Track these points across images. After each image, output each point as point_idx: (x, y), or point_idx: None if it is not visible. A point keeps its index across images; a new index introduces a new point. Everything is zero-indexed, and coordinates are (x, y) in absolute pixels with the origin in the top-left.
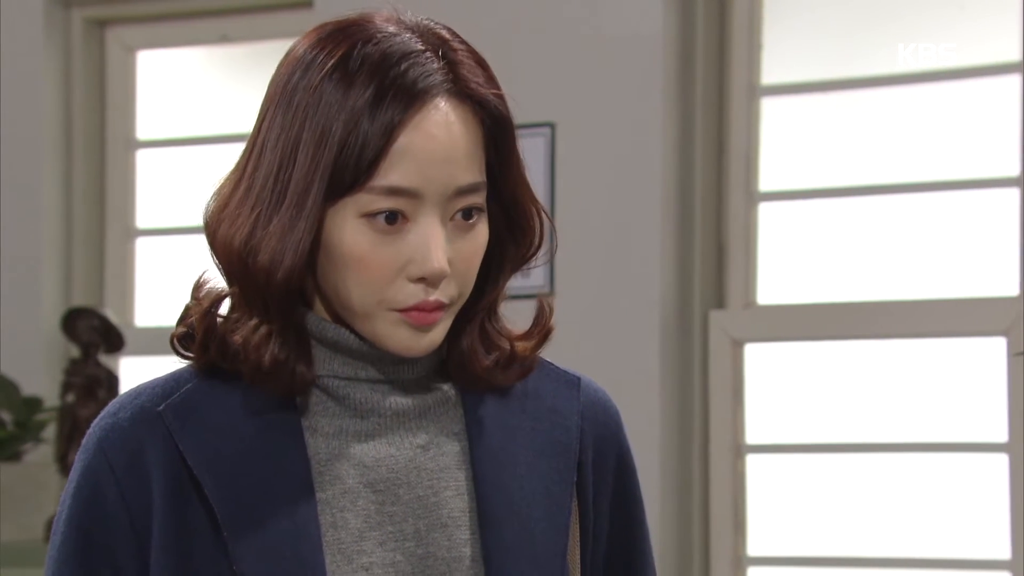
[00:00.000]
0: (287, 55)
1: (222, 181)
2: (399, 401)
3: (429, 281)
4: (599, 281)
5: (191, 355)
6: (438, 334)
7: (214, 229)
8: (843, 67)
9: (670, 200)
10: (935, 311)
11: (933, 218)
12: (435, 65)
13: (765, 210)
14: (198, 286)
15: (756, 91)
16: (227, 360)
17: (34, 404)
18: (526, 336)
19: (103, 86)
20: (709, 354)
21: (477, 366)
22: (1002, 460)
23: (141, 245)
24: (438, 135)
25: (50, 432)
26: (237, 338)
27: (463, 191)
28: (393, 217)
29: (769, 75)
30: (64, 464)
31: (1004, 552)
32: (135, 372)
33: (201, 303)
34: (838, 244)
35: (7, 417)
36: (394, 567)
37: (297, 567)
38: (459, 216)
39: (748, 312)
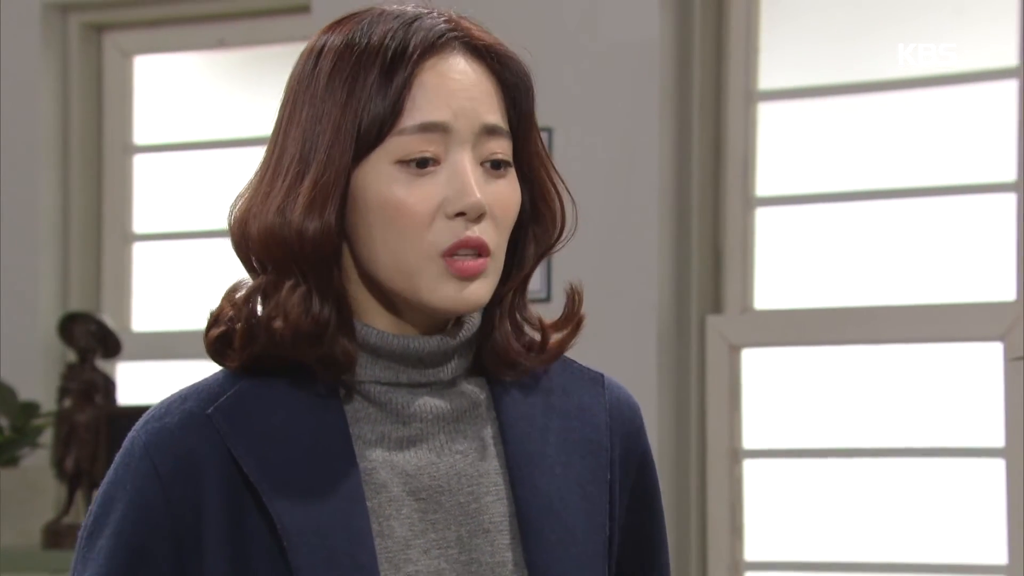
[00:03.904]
0: (301, 52)
1: (244, 186)
2: (438, 405)
3: (468, 215)
4: (596, 285)
5: (229, 358)
6: (483, 289)
7: (244, 220)
8: (840, 72)
9: (667, 205)
10: (932, 316)
11: (930, 223)
12: (443, 19)
13: (762, 215)
14: (232, 290)
15: (753, 95)
16: (275, 345)
17: (31, 409)
18: (558, 325)
19: (100, 91)
20: (706, 359)
21: (511, 351)
22: (999, 465)
23: (138, 250)
24: (458, 77)
25: (47, 437)
26: (278, 323)
27: (491, 129)
28: (424, 162)
29: (766, 80)
30: (62, 469)
31: (1001, 557)
32: (132, 377)
33: (237, 301)
34: (835, 249)
35: (4, 422)
36: (439, 575)
37: None
38: (488, 165)
39: (745, 317)
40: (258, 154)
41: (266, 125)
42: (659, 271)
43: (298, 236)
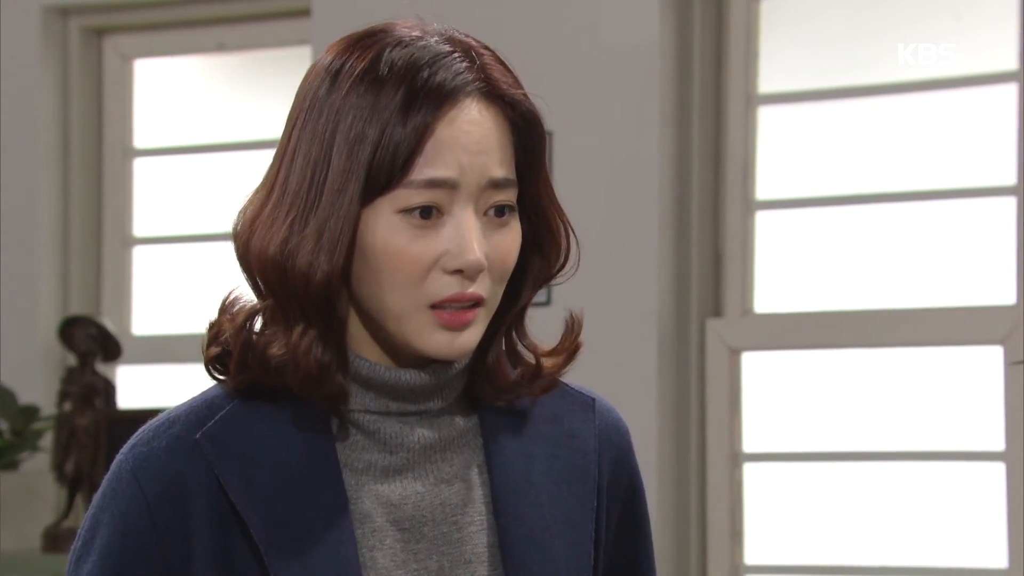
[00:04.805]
0: (313, 67)
1: (250, 196)
2: (426, 434)
3: (466, 273)
4: (596, 290)
5: (224, 378)
6: (472, 336)
7: (246, 240)
8: (840, 75)
9: (667, 209)
10: (932, 320)
11: (930, 227)
12: (464, 65)
13: (762, 218)
14: (229, 303)
15: (753, 99)
16: (270, 375)
17: (31, 413)
18: (554, 352)
19: (100, 95)
20: (706, 363)
21: (503, 380)
22: (999, 469)
23: (138, 254)
24: (471, 130)
25: (47, 441)
26: (276, 350)
27: (497, 183)
28: (428, 212)
29: (766, 83)
30: (62, 473)
31: (1001, 560)
32: (132, 381)
33: (235, 319)
34: (835, 252)
35: (4, 426)
36: None
37: None
38: (492, 213)
39: (745, 320)
40: (258, 158)
41: (266, 128)
42: (659, 275)
43: (304, 279)
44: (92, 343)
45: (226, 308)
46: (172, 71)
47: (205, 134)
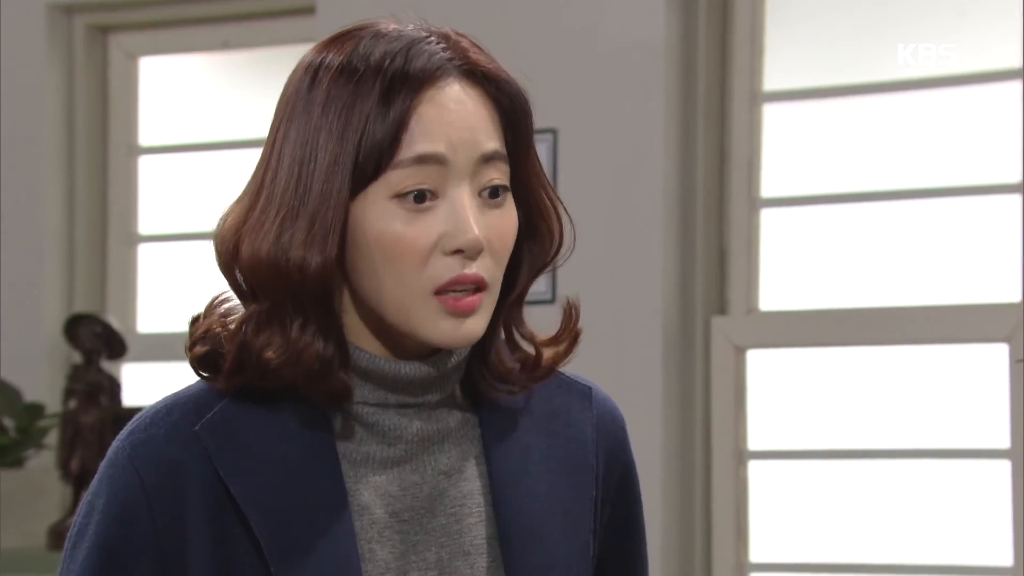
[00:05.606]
0: (295, 67)
1: (232, 204)
2: (424, 426)
3: (467, 253)
4: (601, 287)
5: (213, 377)
6: (478, 323)
7: (233, 246)
8: (845, 73)
9: (672, 206)
10: (937, 317)
11: (935, 224)
12: (441, 47)
13: (767, 216)
14: (215, 304)
15: (758, 97)
16: (267, 377)
17: (36, 410)
18: (554, 341)
19: (105, 92)
20: (711, 360)
21: (503, 370)
22: (1004, 466)
23: (143, 251)
24: (456, 108)
25: (52, 438)
26: (273, 352)
27: (489, 157)
28: (421, 196)
29: (771, 81)
30: (67, 470)
31: (1006, 558)
32: (137, 378)
33: (226, 323)
34: (840, 250)
35: (9, 423)
36: None
37: None
38: (486, 194)
39: (750, 318)
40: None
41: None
42: (664, 273)
43: (299, 271)
44: (97, 341)
45: (214, 307)
46: (177, 69)
47: (210, 132)
